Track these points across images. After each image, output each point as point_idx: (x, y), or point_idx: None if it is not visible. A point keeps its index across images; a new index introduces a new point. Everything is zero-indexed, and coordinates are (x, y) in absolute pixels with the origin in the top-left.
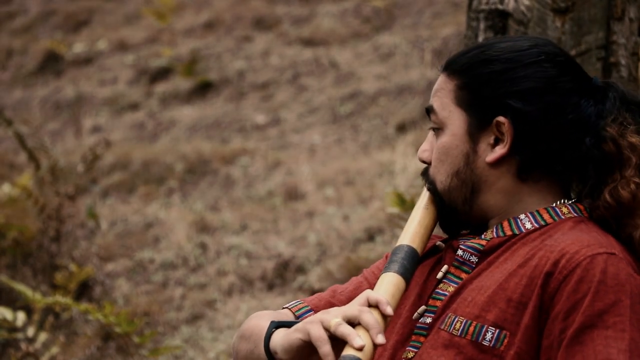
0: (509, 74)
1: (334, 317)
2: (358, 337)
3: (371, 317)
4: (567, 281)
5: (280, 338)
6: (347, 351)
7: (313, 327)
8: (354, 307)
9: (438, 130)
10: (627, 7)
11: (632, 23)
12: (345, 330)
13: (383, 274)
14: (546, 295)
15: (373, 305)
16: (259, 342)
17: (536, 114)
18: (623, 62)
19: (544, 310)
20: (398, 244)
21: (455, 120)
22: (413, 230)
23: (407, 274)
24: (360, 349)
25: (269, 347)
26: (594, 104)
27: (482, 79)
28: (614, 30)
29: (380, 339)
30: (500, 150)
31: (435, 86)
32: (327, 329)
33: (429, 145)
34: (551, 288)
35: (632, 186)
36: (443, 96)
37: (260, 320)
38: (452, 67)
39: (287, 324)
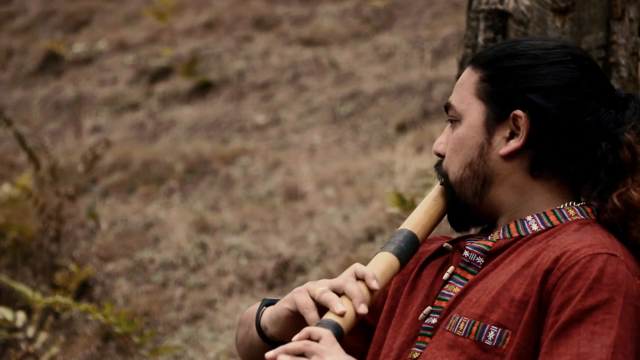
0: (533, 70)
1: (320, 286)
2: (340, 304)
3: (355, 287)
4: (564, 277)
5: (268, 311)
6: (328, 316)
7: (300, 295)
8: (341, 278)
9: (455, 122)
10: (627, 7)
11: (632, 23)
12: (328, 296)
13: (378, 253)
14: (544, 292)
15: (360, 278)
16: (252, 322)
17: (555, 111)
18: (623, 62)
19: (543, 307)
20: (399, 228)
21: (473, 112)
22: (417, 217)
23: (403, 256)
24: (341, 315)
25: (260, 325)
26: (614, 113)
27: (506, 72)
28: (614, 30)
29: (363, 308)
30: (514, 143)
31: (458, 81)
32: (312, 297)
33: (445, 138)
34: (549, 284)
35: None
36: (463, 90)
37: (257, 306)
38: (478, 61)
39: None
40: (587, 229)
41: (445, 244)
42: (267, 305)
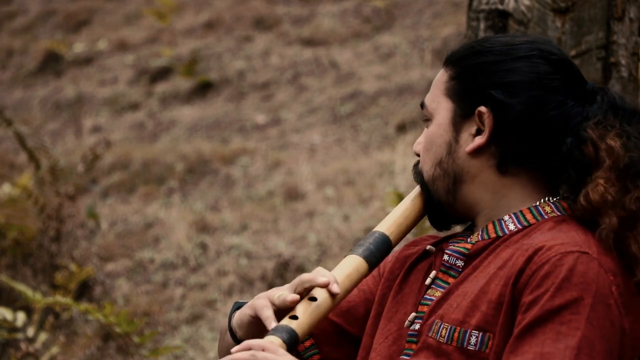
0: (498, 66)
1: (281, 292)
2: (322, 276)
3: (316, 275)
4: (534, 275)
5: (237, 315)
6: (283, 322)
7: (258, 300)
8: (299, 278)
9: (427, 121)
10: (627, 7)
11: (632, 23)
12: (295, 280)
13: (347, 256)
14: (516, 290)
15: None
16: (226, 328)
17: (518, 107)
18: (623, 62)
19: (514, 306)
20: (372, 230)
21: (441, 110)
22: (391, 219)
23: (372, 258)
24: (325, 285)
25: (232, 329)
26: (582, 106)
27: (473, 70)
28: (614, 30)
29: (335, 287)
30: (479, 140)
31: (434, 80)
32: (272, 302)
33: (423, 138)
34: (520, 283)
35: (601, 188)
36: (434, 89)
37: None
38: (449, 60)
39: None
40: (562, 227)
41: (429, 247)
42: (238, 308)
